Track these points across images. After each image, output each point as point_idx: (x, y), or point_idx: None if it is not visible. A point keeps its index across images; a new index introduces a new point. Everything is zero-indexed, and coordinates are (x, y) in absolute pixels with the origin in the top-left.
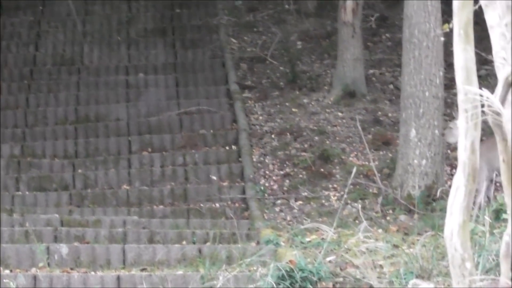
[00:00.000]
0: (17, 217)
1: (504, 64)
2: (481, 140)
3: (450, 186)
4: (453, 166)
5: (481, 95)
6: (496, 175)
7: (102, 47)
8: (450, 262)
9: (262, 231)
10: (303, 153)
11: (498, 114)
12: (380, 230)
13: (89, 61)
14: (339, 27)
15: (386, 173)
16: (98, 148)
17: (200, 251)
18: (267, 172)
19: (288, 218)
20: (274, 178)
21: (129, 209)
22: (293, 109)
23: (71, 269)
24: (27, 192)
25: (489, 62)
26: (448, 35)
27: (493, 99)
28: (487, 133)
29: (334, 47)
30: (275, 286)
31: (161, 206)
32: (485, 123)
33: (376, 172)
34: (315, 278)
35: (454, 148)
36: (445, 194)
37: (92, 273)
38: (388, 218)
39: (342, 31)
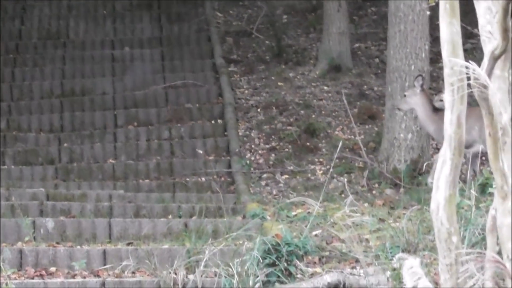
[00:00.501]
0: (3, 191)
1: (490, 38)
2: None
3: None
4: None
5: (467, 68)
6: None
7: (88, 21)
8: (436, 236)
9: (248, 205)
10: (289, 127)
11: (484, 87)
12: (366, 204)
13: (75, 35)
14: (324, 1)
15: (372, 147)
16: (84, 122)
17: (186, 225)
18: (253, 146)
19: (274, 192)
20: (260, 152)
21: (115, 183)
22: (279, 83)
23: (57, 243)
24: (12, 166)
25: (475, 36)
26: (434, 9)
27: (480, 71)
28: (473, 106)
29: (319, 21)
30: (261, 260)
31: (147, 180)
32: (470, 96)
33: (362, 146)
34: (301, 252)
35: None
36: (431, 168)
37: (78, 247)
38: (374, 192)
39: (328, 5)
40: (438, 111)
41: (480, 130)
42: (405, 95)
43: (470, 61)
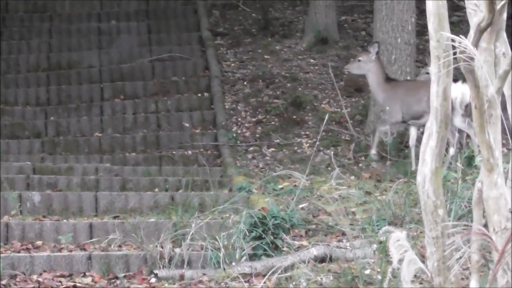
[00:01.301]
0: None
1: (476, 11)
2: (398, 81)
3: (422, 133)
4: None
5: (453, 40)
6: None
7: None
8: (422, 209)
9: (234, 178)
10: (276, 100)
11: (471, 59)
12: (352, 177)
13: (61, 8)
14: None
15: (358, 120)
16: (71, 95)
17: (172, 198)
18: (239, 119)
19: (261, 165)
20: (246, 125)
21: (101, 156)
22: (265, 56)
23: (44, 216)
24: None
25: (461, 9)
26: None
27: (467, 43)
28: (459, 79)
29: None
30: (247, 233)
31: (134, 154)
32: (456, 69)
33: (348, 119)
34: (287, 225)
35: None
36: (418, 140)
37: (64, 220)
38: (360, 165)
39: None
40: (390, 80)
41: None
42: (359, 60)
43: (458, 35)
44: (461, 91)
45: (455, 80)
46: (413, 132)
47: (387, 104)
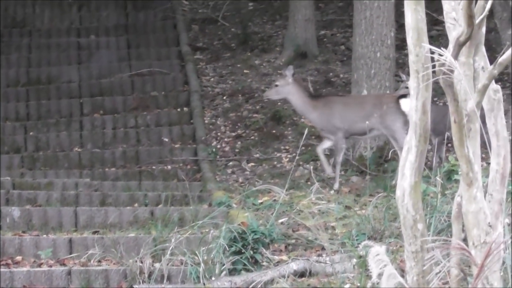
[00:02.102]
0: None
1: (455, 25)
2: (332, 96)
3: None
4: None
5: (432, 53)
6: (448, 136)
7: (53, 9)
8: (402, 224)
9: (214, 193)
10: (255, 115)
11: (451, 72)
12: (332, 192)
13: (41, 23)
14: None
15: None
16: (50, 110)
17: (152, 213)
18: (219, 133)
19: (240, 179)
20: (226, 139)
21: (81, 171)
22: (245, 71)
23: (23, 232)
24: None
25: (440, 23)
26: None
27: (447, 55)
28: (438, 94)
29: (285, 8)
30: (227, 248)
31: (113, 169)
32: (436, 83)
33: None
34: (267, 240)
35: None
36: (397, 155)
37: (44, 236)
38: (340, 179)
39: None
40: (318, 97)
41: (380, 117)
42: (276, 85)
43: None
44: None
45: (404, 96)
46: (327, 142)
47: (320, 121)
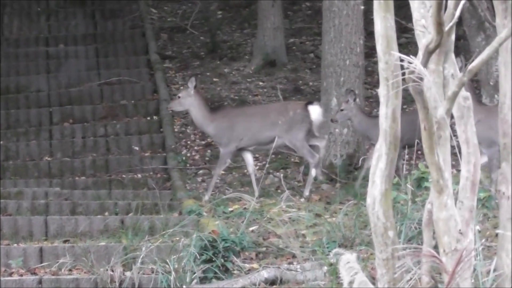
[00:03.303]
0: None
1: (424, 32)
2: (231, 108)
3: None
4: None
5: (402, 61)
6: (418, 143)
7: (22, 18)
8: (372, 231)
9: (184, 202)
10: None
11: (420, 79)
12: (302, 200)
13: (9, 32)
14: None
15: None
16: (19, 119)
17: (122, 222)
18: (188, 142)
19: (310, 186)
20: (195, 148)
21: (51, 180)
22: (214, 79)
23: None
24: None
25: (409, 30)
26: (368, 3)
27: (417, 62)
28: (408, 101)
29: (254, 16)
30: (198, 256)
31: (83, 177)
32: (405, 91)
33: None
34: (238, 248)
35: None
36: (365, 162)
37: (15, 245)
38: (310, 187)
39: (262, 0)
40: (217, 109)
41: (286, 123)
42: (179, 97)
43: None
44: (316, 112)
45: (311, 102)
46: (249, 158)
47: (221, 134)
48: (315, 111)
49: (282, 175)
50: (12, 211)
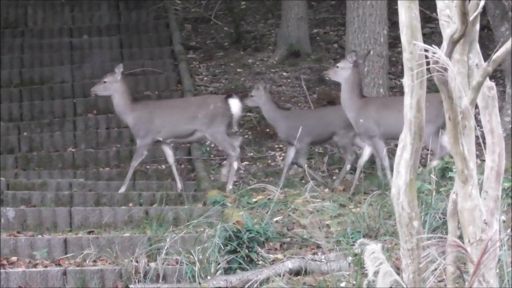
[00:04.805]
0: None
1: (449, 22)
2: (153, 101)
3: (396, 145)
4: None
5: (426, 52)
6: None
7: (46, 9)
8: (397, 221)
9: (208, 192)
10: (249, 114)
11: (444, 70)
12: (326, 190)
13: (33, 23)
14: None
15: None
16: (43, 110)
17: (146, 212)
18: None
19: (234, 178)
20: None
21: (75, 171)
22: (238, 70)
23: (18, 232)
24: None
25: (434, 20)
26: None
27: (440, 53)
28: (431, 91)
29: (278, 6)
30: (222, 247)
31: (107, 168)
32: (429, 80)
33: None
34: (262, 239)
35: None
36: (391, 152)
37: (39, 236)
38: (334, 177)
39: None
40: (139, 100)
41: (206, 117)
42: (104, 81)
43: (431, 46)
44: (236, 106)
45: (231, 95)
46: (168, 150)
47: (139, 125)
48: (235, 105)
49: (306, 165)
50: (37, 202)
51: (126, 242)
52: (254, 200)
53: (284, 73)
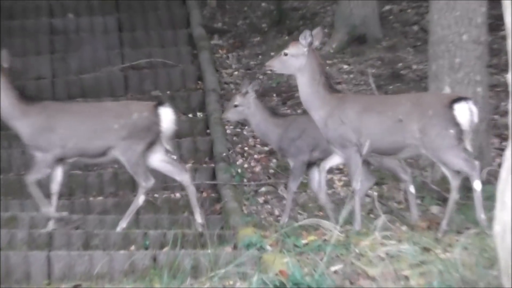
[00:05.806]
0: None
1: None
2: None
3: (499, 165)
4: (503, 137)
5: None
6: None
7: None
8: (502, 271)
9: (240, 231)
10: None
11: None
12: (404, 227)
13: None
14: None
15: None
16: None
17: (154, 259)
18: (246, 148)
19: (276, 212)
20: (255, 156)
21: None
22: None
23: None
24: None
25: None
26: None
27: None
28: None
29: None
30: None
31: (100, 197)
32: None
33: None
34: None
35: (504, 112)
36: (493, 176)
37: None
38: (415, 211)
39: None
40: (33, 102)
41: (121, 129)
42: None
43: None
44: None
45: (161, 103)
46: (58, 175)
47: (35, 135)
48: (167, 117)
49: (376, 193)
50: (3, 244)
51: None
52: (304, 241)
53: (345, 66)
